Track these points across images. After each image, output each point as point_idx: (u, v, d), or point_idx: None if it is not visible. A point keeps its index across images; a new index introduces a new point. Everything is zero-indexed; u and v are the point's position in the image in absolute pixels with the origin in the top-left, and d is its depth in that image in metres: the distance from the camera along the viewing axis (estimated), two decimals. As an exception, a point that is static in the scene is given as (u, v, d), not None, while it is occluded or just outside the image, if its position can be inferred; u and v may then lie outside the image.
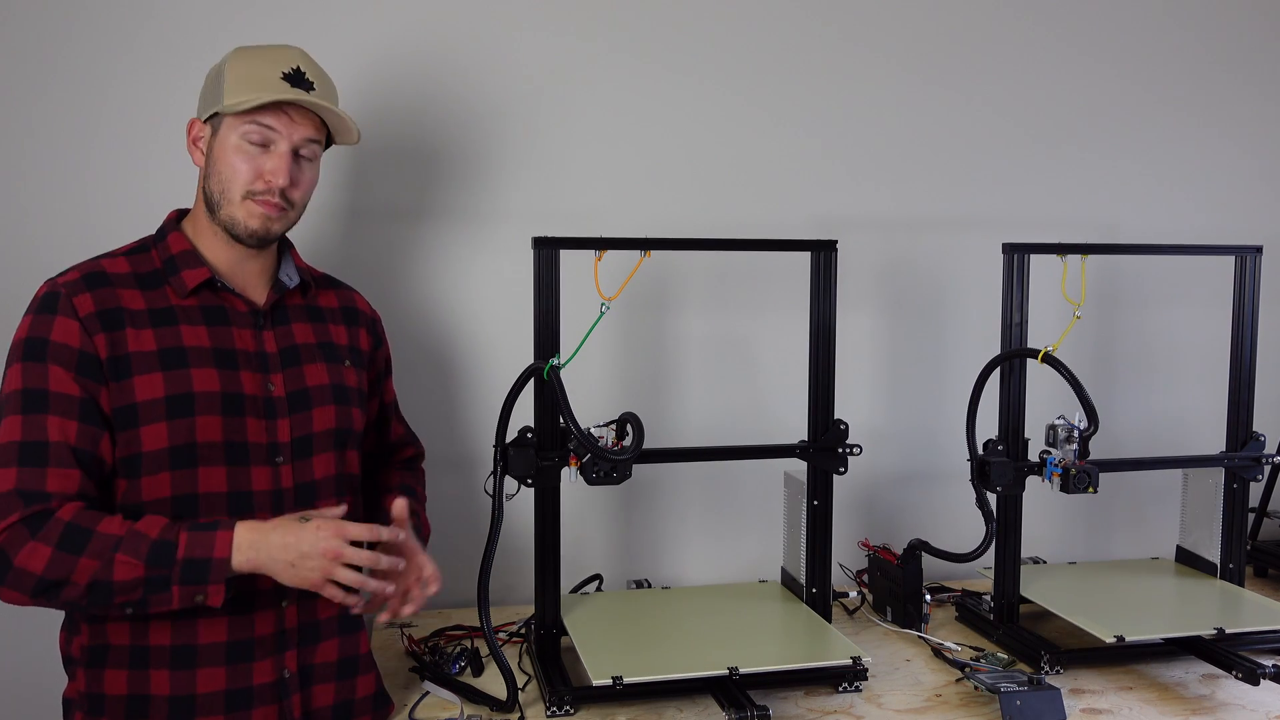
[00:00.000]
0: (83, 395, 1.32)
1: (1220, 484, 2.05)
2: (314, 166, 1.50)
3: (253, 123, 1.41)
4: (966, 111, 2.33)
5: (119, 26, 1.93)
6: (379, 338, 1.67)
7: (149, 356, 1.37)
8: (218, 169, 1.43)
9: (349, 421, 1.53)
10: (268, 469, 1.42)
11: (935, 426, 2.33)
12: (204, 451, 1.38)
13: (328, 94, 1.47)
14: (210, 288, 1.44)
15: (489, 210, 2.11)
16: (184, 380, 1.37)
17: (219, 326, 1.43)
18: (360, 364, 1.59)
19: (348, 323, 1.60)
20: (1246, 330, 2.02)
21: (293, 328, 1.51)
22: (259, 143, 1.42)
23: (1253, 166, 2.49)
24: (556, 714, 1.59)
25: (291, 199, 1.45)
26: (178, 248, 1.45)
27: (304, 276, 1.55)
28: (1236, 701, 1.68)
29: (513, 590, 2.12)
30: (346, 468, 1.53)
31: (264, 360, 1.45)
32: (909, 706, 1.66)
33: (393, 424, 1.72)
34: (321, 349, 1.53)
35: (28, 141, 1.92)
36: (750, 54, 2.21)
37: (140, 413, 1.35)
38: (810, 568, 1.88)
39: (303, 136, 1.44)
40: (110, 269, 1.42)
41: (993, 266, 1.96)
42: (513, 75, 2.10)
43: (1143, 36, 2.41)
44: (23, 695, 1.91)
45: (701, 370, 2.23)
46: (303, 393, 1.48)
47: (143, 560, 1.27)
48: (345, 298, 1.63)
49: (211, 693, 1.38)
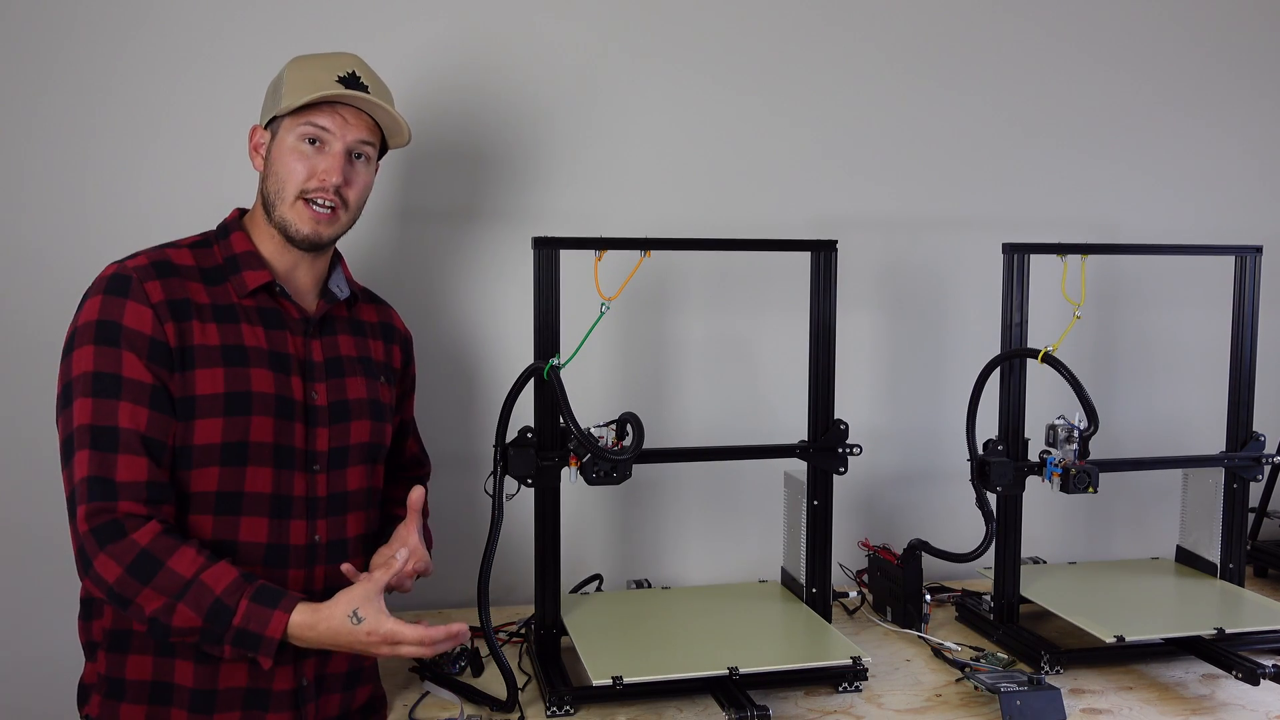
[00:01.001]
0: (155, 383, 1.34)
1: (1220, 484, 2.05)
2: (369, 169, 1.50)
3: (307, 123, 1.43)
4: (967, 111, 2.33)
5: (119, 26, 1.93)
6: (410, 356, 1.69)
7: (212, 351, 1.38)
8: (274, 170, 1.45)
9: (381, 437, 1.55)
10: (304, 476, 1.44)
11: (935, 426, 2.33)
12: (254, 451, 1.39)
13: (381, 96, 1.48)
14: (269, 291, 1.46)
15: (489, 210, 2.11)
16: (243, 379, 1.39)
17: (274, 330, 1.45)
18: (392, 381, 1.61)
19: (385, 339, 1.62)
20: (1246, 330, 2.02)
21: (338, 339, 1.53)
22: (313, 143, 1.44)
23: (1253, 166, 2.50)
24: (556, 714, 1.59)
25: (345, 198, 1.47)
26: (240, 247, 1.47)
27: (353, 289, 1.58)
28: (1236, 701, 1.68)
29: (513, 590, 2.12)
30: (374, 481, 1.55)
31: (309, 368, 1.47)
32: (909, 706, 1.66)
33: (409, 441, 1.73)
34: (361, 363, 1.55)
35: (28, 141, 1.92)
36: (751, 54, 2.21)
37: (199, 406, 1.36)
38: (810, 568, 1.88)
39: (356, 138, 1.46)
40: (176, 259, 1.43)
41: (993, 266, 1.96)
42: (513, 76, 2.10)
43: (1143, 37, 2.41)
44: (34, 682, 1.91)
45: (701, 370, 2.23)
46: (343, 404, 1.49)
47: (201, 617, 1.29)
48: (384, 314, 1.65)
49: (231, 689, 1.39)
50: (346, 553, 1.49)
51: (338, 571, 1.44)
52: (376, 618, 1.32)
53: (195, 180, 1.96)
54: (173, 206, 1.95)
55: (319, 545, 1.46)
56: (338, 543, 1.48)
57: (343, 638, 1.32)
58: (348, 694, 1.52)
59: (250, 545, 1.40)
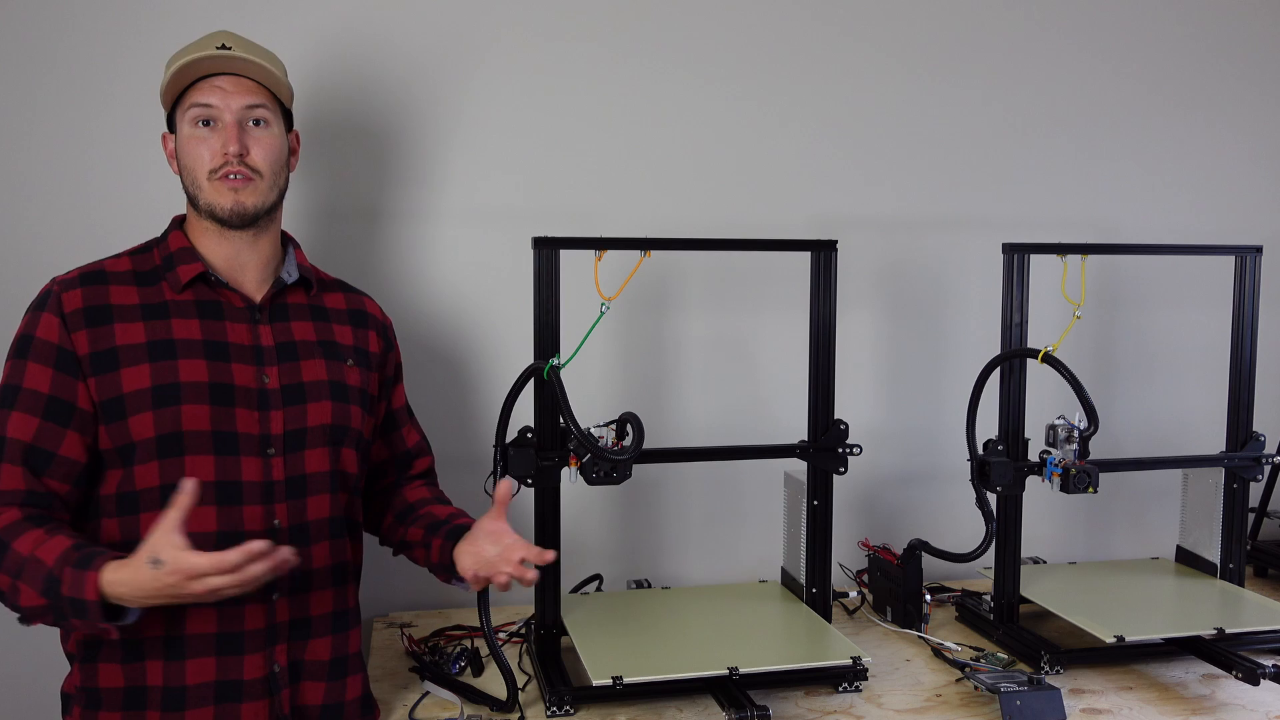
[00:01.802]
0: (52, 392, 1.36)
1: (1220, 484, 2.05)
2: (270, 131, 1.48)
3: (192, 105, 1.44)
4: (967, 111, 2.33)
5: (119, 26, 1.93)
6: (390, 342, 1.66)
7: (137, 349, 1.39)
8: (184, 164, 1.47)
9: (346, 418, 1.52)
10: (258, 460, 1.43)
11: (935, 426, 2.33)
12: (191, 440, 1.39)
13: (256, 53, 1.47)
14: (204, 282, 1.46)
15: (489, 210, 2.11)
16: (170, 371, 1.39)
17: (212, 320, 1.45)
18: (367, 365, 1.59)
19: (355, 324, 1.60)
20: (1246, 330, 2.02)
21: (292, 324, 1.52)
22: (206, 125, 1.45)
23: (1252, 166, 2.50)
24: (556, 714, 1.59)
25: (255, 166, 1.46)
26: (176, 245, 1.48)
27: (305, 274, 1.56)
28: (1236, 701, 1.68)
29: (513, 590, 2.11)
30: (341, 464, 1.52)
31: (259, 353, 1.46)
32: (909, 706, 1.66)
33: (405, 430, 1.71)
34: (322, 346, 1.53)
35: (28, 141, 1.92)
36: (751, 53, 2.21)
37: (128, 403, 1.37)
38: (810, 568, 1.88)
39: (242, 104, 1.45)
40: (111, 267, 1.46)
41: (993, 266, 1.96)
42: (513, 75, 2.10)
43: (1143, 36, 2.41)
44: (23, 689, 1.92)
45: (701, 370, 2.23)
46: (298, 387, 1.48)
47: (39, 592, 1.28)
48: (355, 301, 1.63)
49: (201, 684, 1.39)
50: (309, 536, 1.46)
51: (304, 557, 1.43)
52: (174, 555, 1.22)
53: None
54: (172, 206, 1.95)
55: (279, 530, 1.43)
56: (299, 526, 1.46)
57: (149, 584, 1.24)
58: (334, 684, 1.50)
59: (201, 535, 1.35)
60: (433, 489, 1.72)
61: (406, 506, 1.65)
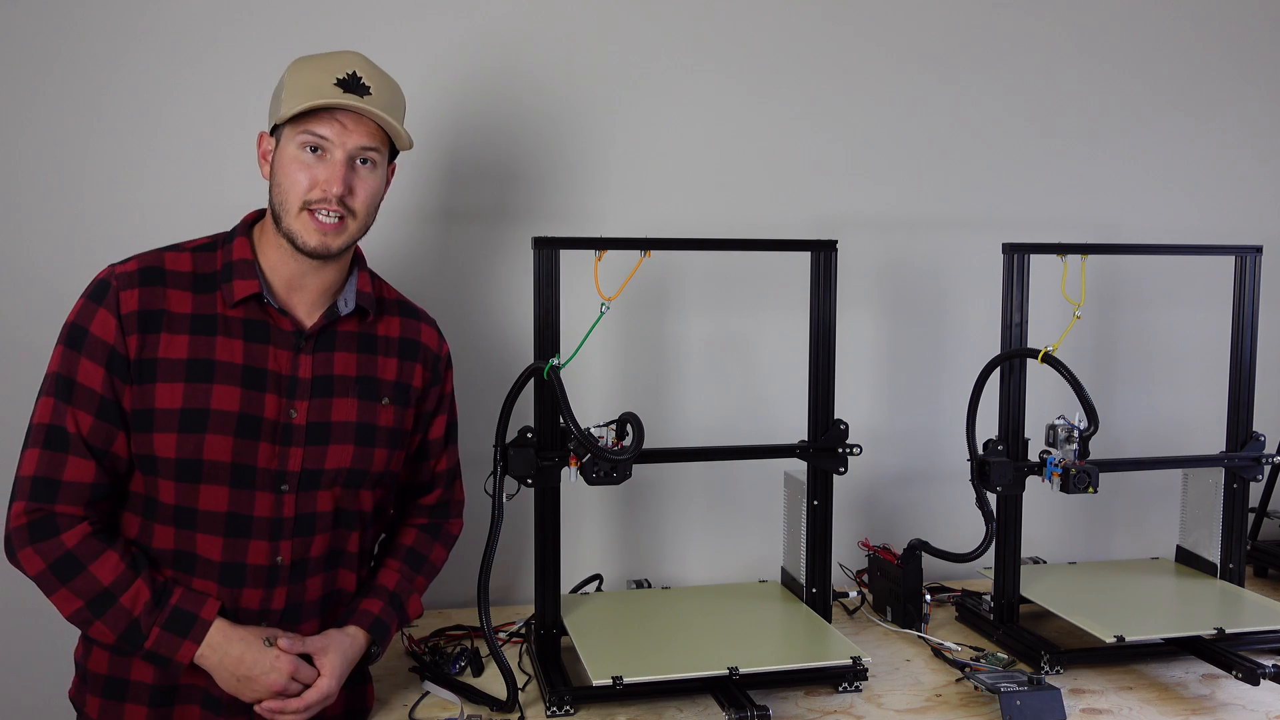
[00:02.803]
0: (103, 392, 1.36)
1: (1220, 484, 2.05)
2: (375, 173, 1.44)
3: (306, 132, 1.39)
4: (967, 111, 2.33)
5: (119, 26, 1.93)
6: (438, 375, 1.61)
7: (176, 365, 1.37)
8: (278, 180, 1.42)
9: (368, 463, 1.49)
10: (271, 495, 1.42)
11: (935, 426, 2.33)
12: (209, 469, 1.38)
13: (385, 97, 1.42)
14: (257, 301, 1.42)
15: (489, 210, 2.11)
16: (203, 395, 1.37)
17: (256, 344, 1.42)
18: (404, 402, 1.54)
19: (402, 356, 1.55)
20: (1246, 330, 2.02)
21: (335, 355, 1.48)
22: (315, 151, 1.40)
23: (1252, 166, 2.49)
24: (556, 714, 1.59)
25: (351, 208, 1.42)
26: (238, 254, 1.44)
27: (363, 303, 1.51)
28: (1236, 701, 1.68)
29: (513, 590, 2.12)
30: (356, 504, 1.50)
31: (293, 385, 1.43)
32: (909, 706, 1.66)
33: (433, 461, 1.65)
34: (360, 383, 1.49)
35: (27, 141, 1.91)
36: (751, 54, 2.21)
37: (156, 419, 1.36)
38: (810, 568, 1.88)
39: (357, 144, 1.40)
40: (171, 265, 1.42)
41: (993, 266, 1.96)
42: (513, 77, 2.10)
43: (1143, 36, 2.41)
44: (31, 697, 1.92)
45: (701, 370, 2.23)
46: (324, 426, 1.45)
47: (115, 636, 1.34)
48: (410, 329, 1.58)
49: (190, 685, 1.42)
50: (307, 571, 1.46)
51: (299, 590, 1.45)
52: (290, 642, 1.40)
53: (195, 182, 1.96)
54: (172, 209, 1.95)
55: (281, 566, 1.43)
56: (301, 563, 1.45)
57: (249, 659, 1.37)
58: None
59: (206, 561, 1.40)
60: (420, 534, 1.66)
61: (382, 548, 1.66)
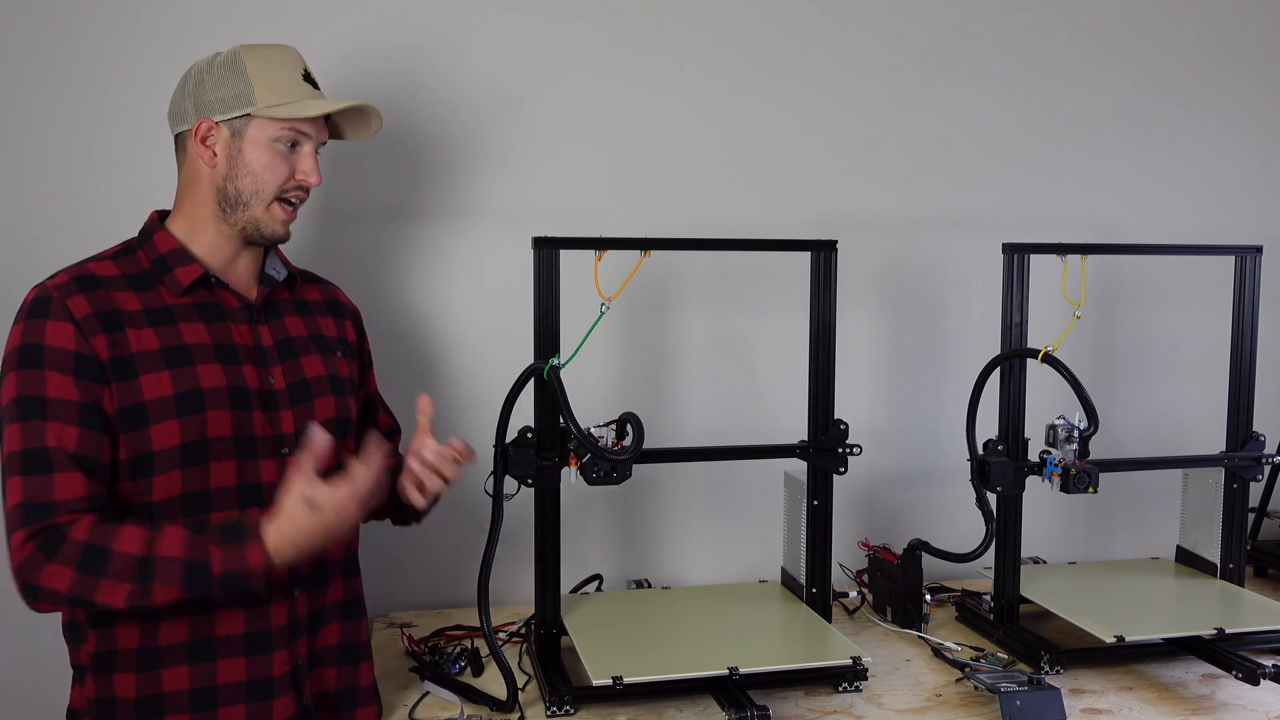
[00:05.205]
0: (82, 400, 1.31)
1: (1220, 484, 2.05)
2: None
3: (291, 128, 1.44)
4: (967, 111, 2.33)
5: (119, 26, 1.93)
6: (362, 331, 1.68)
7: (153, 355, 1.36)
8: (249, 169, 1.42)
9: (346, 410, 1.55)
10: (274, 461, 1.43)
11: (935, 426, 2.33)
12: (215, 446, 1.38)
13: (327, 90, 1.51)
14: (204, 284, 1.44)
15: (489, 210, 2.11)
16: (191, 377, 1.37)
17: (216, 323, 1.43)
18: (350, 355, 1.61)
19: (334, 315, 1.62)
20: (1246, 330, 2.02)
21: (285, 321, 1.52)
22: (289, 144, 1.45)
23: (1252, 166, 2.50)
24: (556, 714, 1.59)
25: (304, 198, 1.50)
26: (166, 247, 1.44)
27: (291, 270, 1.57)
28: (1236, 701, 1.68)
29: (513, 590, 2.12)
30: (344, 455, 1.51)
31: (262, 354, 1.46)
32: (909, 706, 1.66)
33: (379, 416, 1.74)
34: (314, 341, 1.55)
35: (27, 141, 1.92)
36: (751, 51, 2.21)
37: (150, 411, 1.34)
38: (810, 568, 1.88)
39: (321, 137, 1.49)
40: (99, 271, 1.40)
41: (993, 266, 1.96)
42: (513, 71, 2.10)
43: (1144, 36, 2.41)
44: (25, 706, 1.91)
45: (701, 370, 2.23)
46: (303, 384, 1.49)
47: (180, 585, 1.27)
48: (328, 291, 1.65)
49: (233, 684, 1.39)
50: None
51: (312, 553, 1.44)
52: (326, 494, 1.30)
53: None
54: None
55: None
56: None
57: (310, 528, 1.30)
58: (346, 669, 1.53)
59: None
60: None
61: None
